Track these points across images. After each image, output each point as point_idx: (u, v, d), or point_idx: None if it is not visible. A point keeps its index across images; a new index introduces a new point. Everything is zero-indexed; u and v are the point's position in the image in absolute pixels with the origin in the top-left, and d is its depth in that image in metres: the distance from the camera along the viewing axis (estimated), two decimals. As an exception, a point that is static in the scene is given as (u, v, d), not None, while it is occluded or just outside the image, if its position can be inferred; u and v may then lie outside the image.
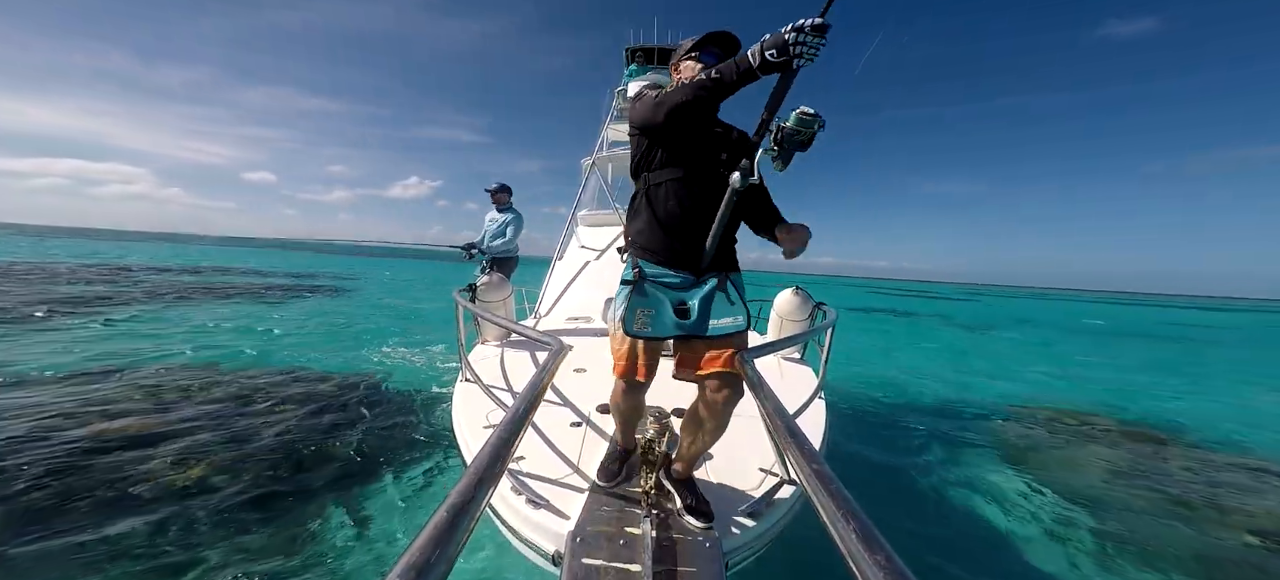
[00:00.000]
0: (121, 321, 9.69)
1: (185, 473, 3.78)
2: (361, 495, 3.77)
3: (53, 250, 32.58)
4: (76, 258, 26.25)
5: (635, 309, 1.51)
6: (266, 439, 4.49)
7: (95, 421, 4.58)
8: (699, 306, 1.50)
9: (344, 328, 11.24)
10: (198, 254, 41.17)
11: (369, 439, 4.71)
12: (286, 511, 3.47)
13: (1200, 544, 3.93)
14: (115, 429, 4.44)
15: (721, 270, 1.56)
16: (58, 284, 14.75)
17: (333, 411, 5.34)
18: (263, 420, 4.93)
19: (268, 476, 3.86)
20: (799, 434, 1.07)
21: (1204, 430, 7.12)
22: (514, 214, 5.34)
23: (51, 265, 20.70)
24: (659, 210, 1.54)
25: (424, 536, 0.65)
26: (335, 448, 4.47)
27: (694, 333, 1.50)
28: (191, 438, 4.38)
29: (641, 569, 1.40)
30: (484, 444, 0.93)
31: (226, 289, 17.00)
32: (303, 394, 5.81)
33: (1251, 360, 15.77)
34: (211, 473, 3.82)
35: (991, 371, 11.48)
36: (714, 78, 1.32)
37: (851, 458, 5.17)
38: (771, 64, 1.22)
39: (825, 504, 0.78)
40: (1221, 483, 5.13)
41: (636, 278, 1.54)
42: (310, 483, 3.86)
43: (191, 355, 7.42)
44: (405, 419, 5.34)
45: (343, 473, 4.06)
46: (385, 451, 4.49)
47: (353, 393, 6.03)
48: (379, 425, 5.09)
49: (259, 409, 5.23)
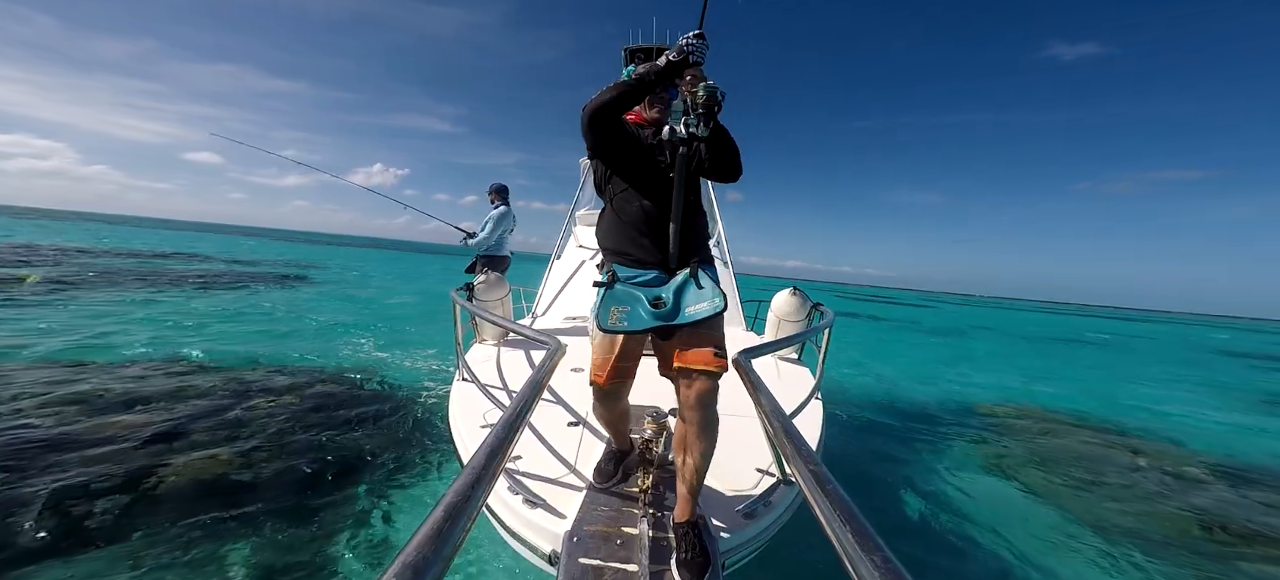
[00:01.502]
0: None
1: (169, 477, 3.71)
2: (357, 496, 3.75)
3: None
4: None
5: (609, 307, 1.59)
6: (252, 440, 4.45)
7: (62, 419, 4.35)
8: (673, 296, 1.56)
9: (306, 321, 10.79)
10: (114, 235, 37.61)
11: (363, 439, 4.69)
12: (279, 513, 3.45)
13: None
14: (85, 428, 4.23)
15: (692, 264, 1.62)
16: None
17: (325, 410, 5.31)
18: (250, 419, 4.89)
19: (256, 481, 3.79)
20: (796, 434, 1.07)
21: (1160, 431, 7.68)
22: (500, 210, 5.34)
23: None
24: (623, 216, 1.65)
25: (420, 536, 0.65)
26: (327, 447, 4.44)
27: (670, 321, 1.54)
28: (167, 441, 4.22)
29: (638, 569, 1.40)
30: (481, 443, 0.93)
31: (145, 274, 15.48)
32: (286, 385, 5.78)
33: (1176, 370, 16.81)
34: (198, 475, 3.74)
35: (964, 374, 12.02)
36: (634, 79, 1.51)
37: (844, 455, 5.20)
38: (674, 64, 1.46)
39: (822, 504, 0.78)
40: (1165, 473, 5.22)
41: (609, 279, 1.64)
42: (306, 484, 3.84)
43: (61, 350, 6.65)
44: (401, 418, 5.32)
45: (337, 473, 4.04)
46: (381, 452, 4.47)
47: (343, 390, 6.00)
48: (372, 424, 5.07)
49: (246, 408, 5.18)
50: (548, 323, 4.62)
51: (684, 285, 1.58)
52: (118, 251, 22.96)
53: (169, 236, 43.76)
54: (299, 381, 6.19)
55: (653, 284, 1.61)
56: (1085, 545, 3.91)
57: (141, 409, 4.76)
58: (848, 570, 0.66)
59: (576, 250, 5.85)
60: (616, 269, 1.65)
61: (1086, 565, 3.64)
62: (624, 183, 1.65)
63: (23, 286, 11.10)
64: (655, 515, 1.63)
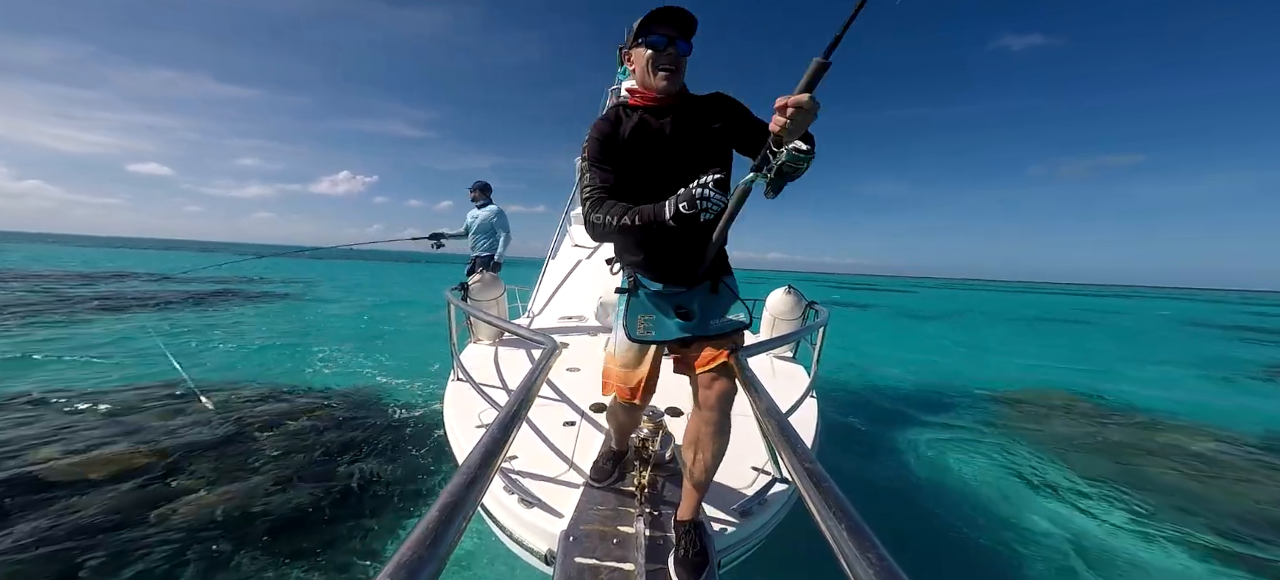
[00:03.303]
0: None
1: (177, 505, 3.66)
2: (353, 498, 3.74)
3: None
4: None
5: (636, 315, 1.53)
6: (245, 453, 4.42)
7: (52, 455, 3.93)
8: (700, 307, 1.53)
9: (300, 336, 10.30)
10: (67, 256, 34.15)
11: (359, 440, 4.67)
12: (269, 513, 3.43)
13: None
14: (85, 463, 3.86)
15: (714, 274, 1.57)
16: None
17: (315, 420, 5.29)
18: (239, 441, 4.86)
19: (249, 492, 3.74)
20: (791, 432, 1.07)
21: (1155, 408, 7.73)
22: (497, 212, 5.32)
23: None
24: (646, 235, 1.47)
25: (415, 536, 0.65)
26: (321, 452, 4.43)
27: (698, 333, 1.50)
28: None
29: (634, 567, 1.40)
30: (476, 443, 0.93)
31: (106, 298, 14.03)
32: (274, 405, 5.74)
33: (1151, 343, 17.77)
34: (183, 507, 3.66)
35: (957, 359, 12.26)
36: (628, 223, 1.38)
37: (839, 452, 5.22)
38: (683, 215, 1.28)
39: (817, 502, 0.78)
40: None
41: (633, 284, 1.55)
42: (301, 484, 3.83)
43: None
44: (396, 418, 5.30)
45: (332, 476, 4.03)
46: (378, 452, 4.46)
47: (336, 400, 5.97)
48: (369, 428, 5.05)
49: (233, 433, 5.04)
50: (543, 322, 4.62)
51: (708, 295, 1.54)
52: (60, 275, 20.68)
53: (112, 254, 40.74)
54: (286, 399, 6.15)
55: (677, 295, 1.53)
56: (1093, 539, 3.89)
57: (124, 442, 4.33)
58: (844, 569, 0.66)
59: (571, 249, 5.84)
60: (639, 278, 1.56)
61: (1089, 563, 3.65)
62: (645, 194, 1.46)
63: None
64: (652, 514, 1.63)
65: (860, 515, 0.72)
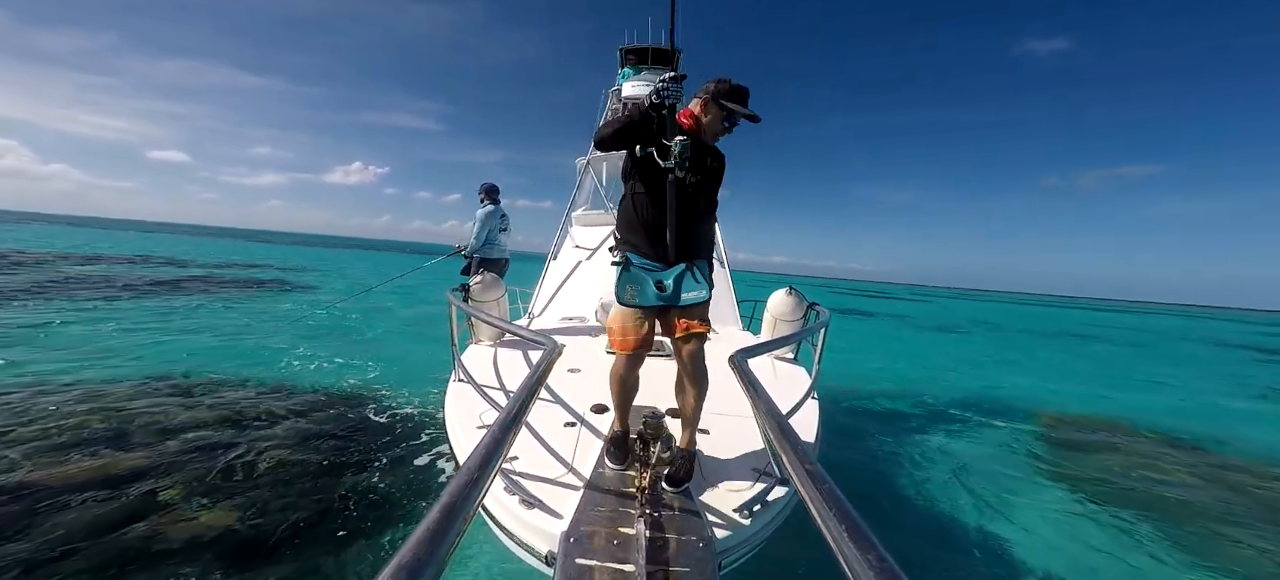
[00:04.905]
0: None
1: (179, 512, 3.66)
2: (353, 498, 3.74)
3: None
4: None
5: (625, 285, 1.94)
6: (241, 457, 4.42)
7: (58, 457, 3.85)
8: (673, 283, 1.93)
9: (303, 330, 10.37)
10: (108, 240, 36.07)
11: (360, 441, 4.68)
12: (270, 514, 3.44)
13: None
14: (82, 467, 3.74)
15: (689, 258, 1.96)
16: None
17: (314, 420, 5.29)
18: (242, 438, 4.86)
19: (245, 498, 3.68)
20: (792, 434, 1.07)
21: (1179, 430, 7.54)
22: (487, 209, 5.31)
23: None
24: (638, 215, 1.97)
25: (416, 537, 0.65)
26: (321, 453, 4.43)
27: (670, 302, 1.93)
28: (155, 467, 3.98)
29: (635, 569, 1.40)
30: (477, 444, 0.93)
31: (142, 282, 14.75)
32: (281, 404, 5.75)
33: (1159, 360, 17.59)
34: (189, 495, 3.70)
35: (967, 372, 12.04)
36: (625, 117, 1.86)
37: (841, 453, 5.21)
38: (656, 105, 1.81)
39: (818, 504, 0.78)
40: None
41: (624, 262, 1.97)
42: (300, 485, 3.83)
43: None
44: (395, 419, 5.31)
45: (332, 476, 4.03)
46: (378, 452, 4.46)
47: (335, 401, 5.98)
48: (367, 429, 5.06)
49: (236, 435, 5.00)
50: (544, 323, 4.61)
51: (682, 275, 1.94)
52: (82, 257, 21.49)
53: (138, 240, 41.32)
54: (295, 396, 6.16)
55: (657, 271, 1.95)
56: (1091, 545, 3.91)
57: (123, 445, 4.25)
58: (844, 570, 0.66)
59: (573, 251, 5.84)
60: (630, 257, 1.97)
61: (1089, 562, 3.65)
62: (642, 185, 1.95)
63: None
64: (652, 515, 1.63)
65: (861, 517, 0.72)
